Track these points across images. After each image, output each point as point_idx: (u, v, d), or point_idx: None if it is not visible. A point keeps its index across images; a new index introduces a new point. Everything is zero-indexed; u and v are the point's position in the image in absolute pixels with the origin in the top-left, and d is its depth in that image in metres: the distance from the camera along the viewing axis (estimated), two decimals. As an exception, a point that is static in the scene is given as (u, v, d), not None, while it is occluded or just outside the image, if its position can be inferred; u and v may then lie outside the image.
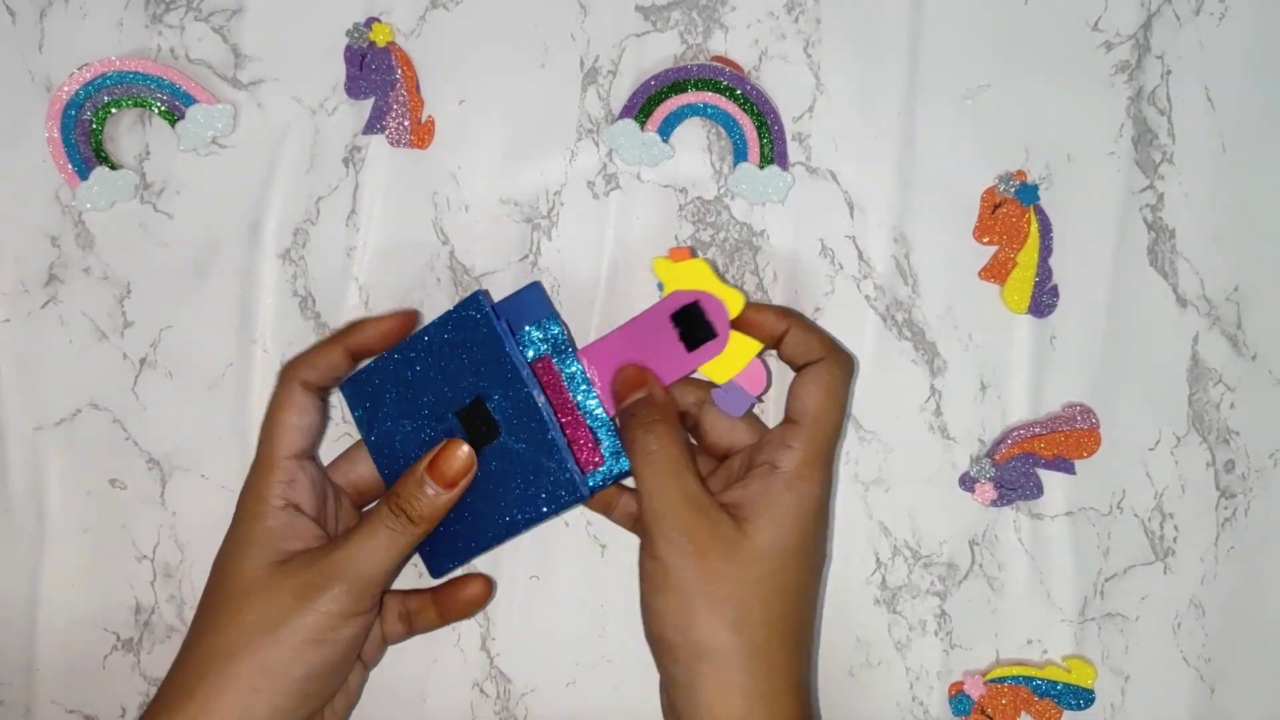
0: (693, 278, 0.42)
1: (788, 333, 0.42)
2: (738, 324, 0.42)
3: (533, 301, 0.44)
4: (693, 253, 0.43)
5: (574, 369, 0.43)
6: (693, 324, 0.42)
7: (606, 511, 0.46)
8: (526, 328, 0.43)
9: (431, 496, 0.41)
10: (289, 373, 0.43)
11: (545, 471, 0.42)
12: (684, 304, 0.42)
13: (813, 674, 0.42)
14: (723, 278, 0.43)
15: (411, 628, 0.46)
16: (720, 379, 0.42)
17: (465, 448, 0.42)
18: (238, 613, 0.40)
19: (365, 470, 0.45)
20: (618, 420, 0.42)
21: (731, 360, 0.42)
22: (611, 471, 0.43)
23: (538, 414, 0.41)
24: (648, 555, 0.40)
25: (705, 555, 0.39)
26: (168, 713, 0.39)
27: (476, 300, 0.42)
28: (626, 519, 0.46)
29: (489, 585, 0.46)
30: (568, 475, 0.41)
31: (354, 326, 0.43)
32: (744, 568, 0.39)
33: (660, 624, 0.40)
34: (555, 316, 0.44)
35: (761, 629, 0.39)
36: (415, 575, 0.47)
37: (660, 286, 0.43)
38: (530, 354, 0.43)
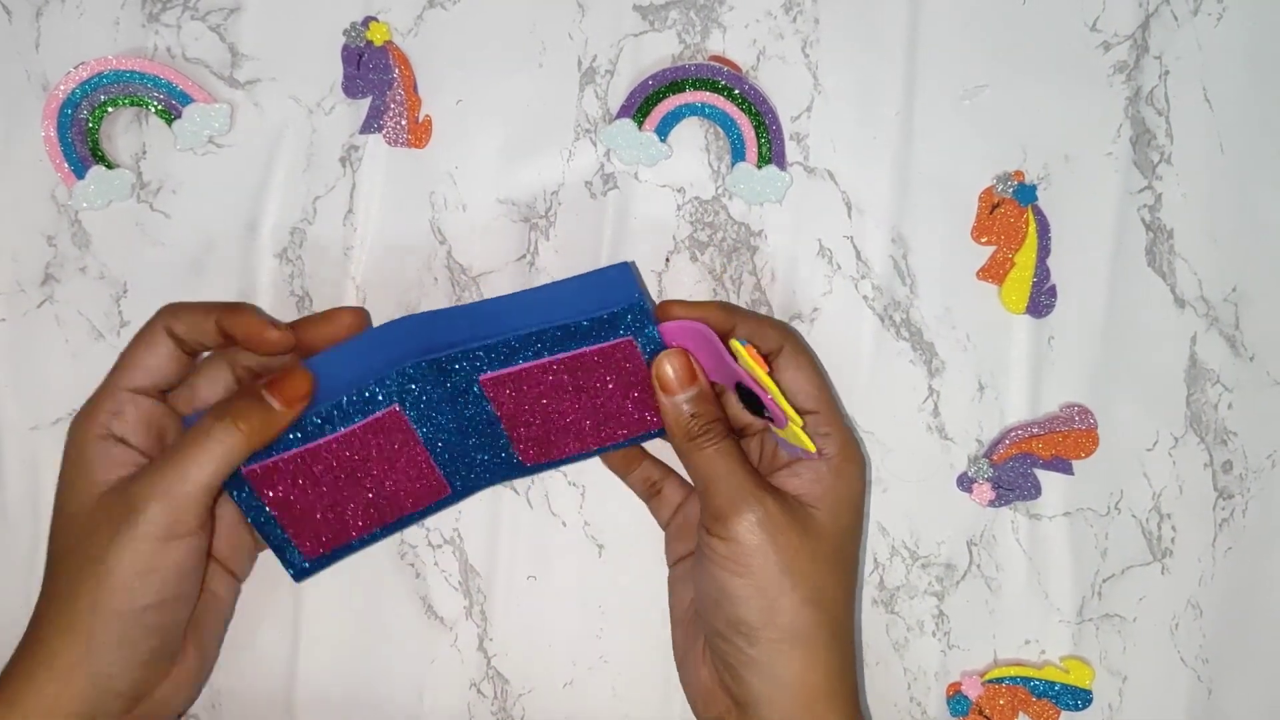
0: (753, 370, 0.40)
1: (736, 329, 0.42)
2: (676, 314, 0.42)
3: (620, 280, 0.42)
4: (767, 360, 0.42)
5: (656, 343, 0.42)
6: (754, 403, 0.42)
7: (624, 472, 0.46)
8: (625, 310, 0.42)
9: (269, 409, 0.39)
10: (159, 313, 0.42)
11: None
12: (749, 390, 0.41)
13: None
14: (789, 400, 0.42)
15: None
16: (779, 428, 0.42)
17: (309, 379, 0.40)
18: (65, 556, 0.39)
19: (207, 394, 0.43)
20: (668, 414, 0.41)
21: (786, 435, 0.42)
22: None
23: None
24: (721, 539, 0.40)
25: (783, 533, 0.40)
26: (15, 674, 0.39)
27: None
28: (642, 484, 0.46)
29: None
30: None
31: (235, 309, 0.42)
32: (817, 545, 0.40)
33: (739, 605, 0.40)
34: (644, 297, 0.42)
35: (837, 605, 0.41)
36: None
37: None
38: (621, 333, 0.42)
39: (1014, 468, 0.47)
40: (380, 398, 0.42)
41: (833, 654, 0.40)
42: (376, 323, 0.46)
